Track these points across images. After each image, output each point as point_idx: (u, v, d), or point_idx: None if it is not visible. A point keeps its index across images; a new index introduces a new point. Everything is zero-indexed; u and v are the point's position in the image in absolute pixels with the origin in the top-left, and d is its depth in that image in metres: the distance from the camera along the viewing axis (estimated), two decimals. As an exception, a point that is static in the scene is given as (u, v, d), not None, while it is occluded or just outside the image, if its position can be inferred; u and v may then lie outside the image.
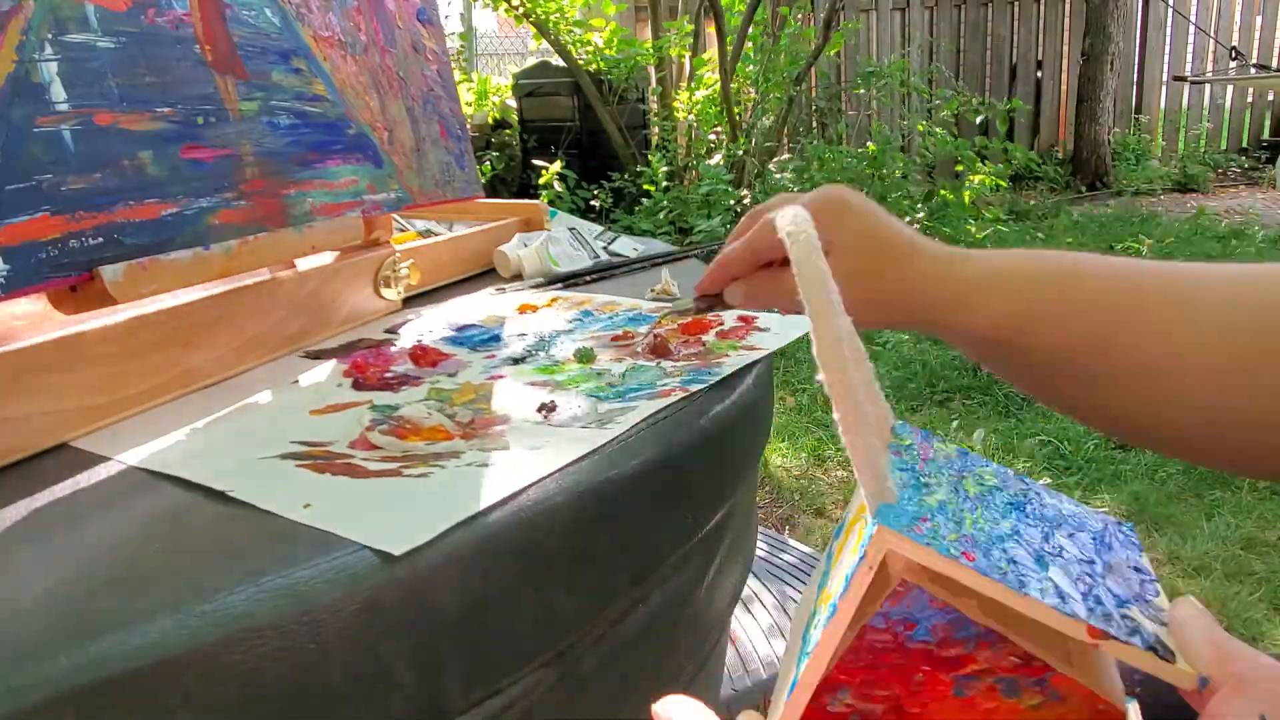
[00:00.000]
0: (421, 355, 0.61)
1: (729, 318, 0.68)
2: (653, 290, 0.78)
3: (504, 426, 0.49)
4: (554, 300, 0.78)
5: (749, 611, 1.24)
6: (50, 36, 0.46)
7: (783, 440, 2.41)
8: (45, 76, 0.45)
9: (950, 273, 0.47)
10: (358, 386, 0.56)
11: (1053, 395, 0.48)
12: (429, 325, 0.71)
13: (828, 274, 0.29)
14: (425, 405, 0.51)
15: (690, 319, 0.64)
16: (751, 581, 1.32)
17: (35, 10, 0.46)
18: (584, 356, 0.61)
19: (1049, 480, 2.07)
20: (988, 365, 0.49)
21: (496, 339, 0.66)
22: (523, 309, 0.75)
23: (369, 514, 0.39)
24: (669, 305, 0.59)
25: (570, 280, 0.85)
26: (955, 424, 2.43)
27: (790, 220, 0.30)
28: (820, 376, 0.29)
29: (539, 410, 0.51)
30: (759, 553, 1.43)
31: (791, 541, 1.52)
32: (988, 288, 0.46)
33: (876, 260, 0.47)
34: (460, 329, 0.69)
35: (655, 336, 0.63)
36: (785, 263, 0.43)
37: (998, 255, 0.47)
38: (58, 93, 0.46)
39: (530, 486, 0.42)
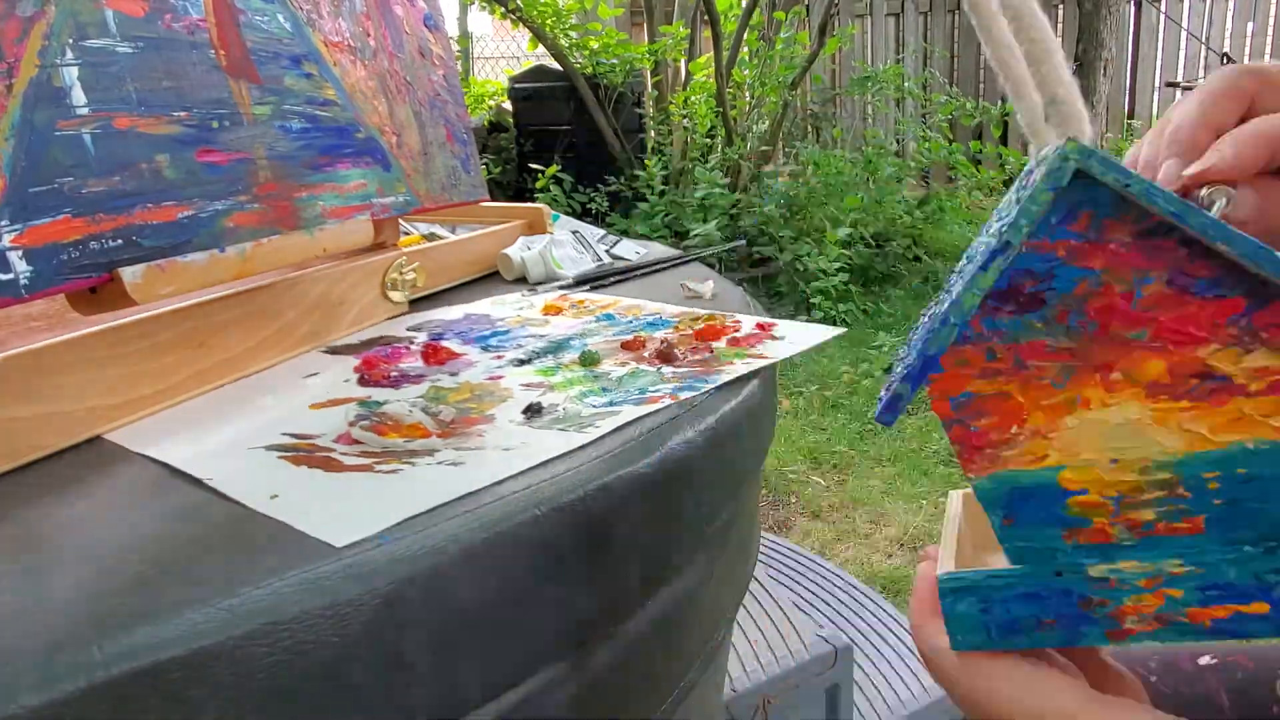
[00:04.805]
0: (432, 354, 0.62)
1: (746, 324, 0.68)
2: (686, 292, 0.79)
3: (485, 426, 0.50)
4: (581, 302, 0.78)
5: (747, 613, 1.25)
6: (71, 41, 0.47)
7: (779, 444, 2.42)
8: (67, 81, 0.46)
9: None
10: (363, 383, 0.58)
11: None
12: (450, 325, 0.72)
13: None
14: (408, 403, 0.52)
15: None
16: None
17: (57, 16, 0.46)
18: (588, 360, 0.61)
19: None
20: None
21: (512, 340, 0.67)
22: (547, 310, 0.76)
23: (327, 507, 0.40)
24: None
25: (598, 282, 0.85)
26: (950, 427, 2.44)
27: None
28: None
29: (524, 412, 0.52)
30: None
31: (788, 544, 1.53)
32: None
33: None
34: (480, 329, 0.70)
35: (663, 342, 0.63)
36: None
37: None
38: (78, 97, 0.47)
39: (547, 477, 0.43)
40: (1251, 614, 0.30)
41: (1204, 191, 0.35)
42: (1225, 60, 5.11)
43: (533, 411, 0.52)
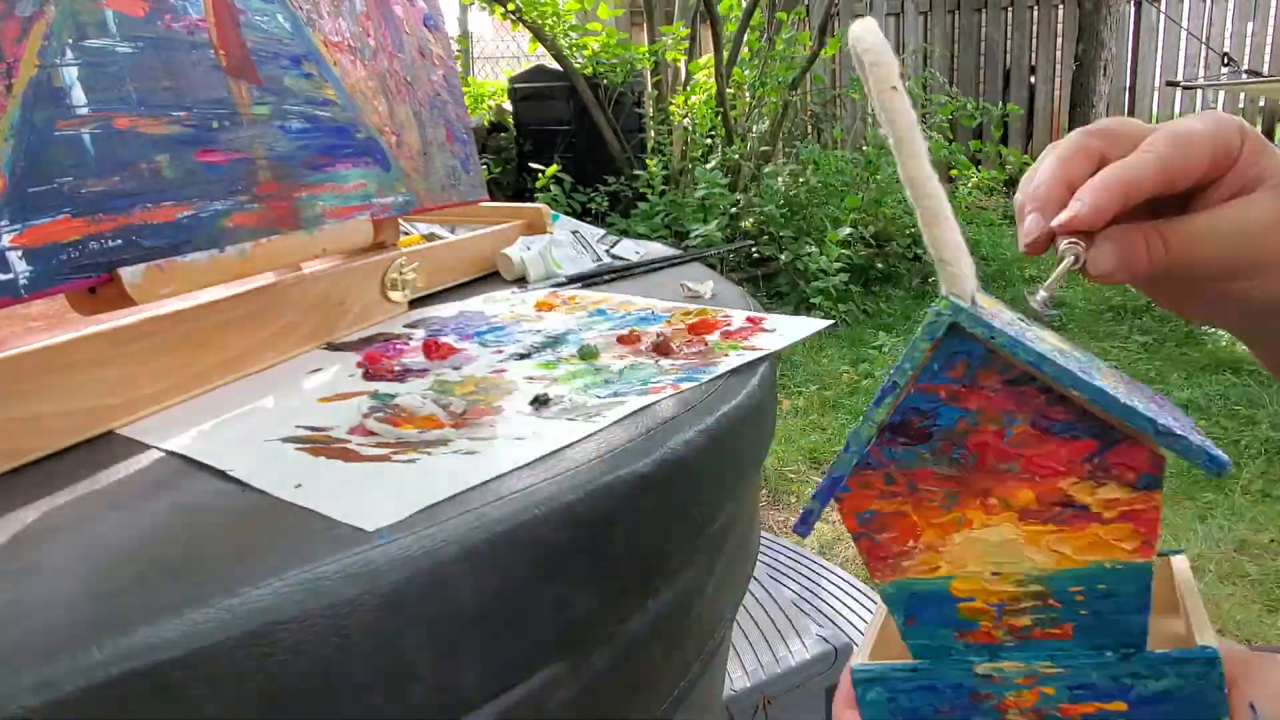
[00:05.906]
0: (434, 349, 0.62)
1: (736, 319, 0.69)
2: (686, 292, 0.79)
3: (495, 417, 0.51)
4: (572, 299, 0.79)
5: (747, 613, 1.25)
6: (71, 41, 0.47)
7: (780, 443, 2.42)
8: (66, 80, 0.46)
9: None
10: (368, 377, 0.58)
11: None
12: (446, 322, 0.72)
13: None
14: (421, 395, 0.53)
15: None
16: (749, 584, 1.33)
17: (56, 15, 0.46)
18: (586, 353, 0.62)
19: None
20: None
21: (509, 335, 0.68)
22: (539, 306, 0.76)
23: (353, 495, 0.40)
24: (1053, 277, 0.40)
25: (589, 280, 0.86)
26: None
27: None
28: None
29: (531, 403, 0.53)
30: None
31: (788, 544, 1.53)
32: None
33: None
34: (476, 325, 0.71)
35: (659, 335, 0.64)
36: (1184, 204, 0.40)
37: None
38: (78, 97, 0.47)
39: (537, 481, 0.43)
40: (1112, 712, 0.34)
41: (1062, 246, 0.38)
42: (1225, 60, 5.10)
43: (540, 403, 0.53)
